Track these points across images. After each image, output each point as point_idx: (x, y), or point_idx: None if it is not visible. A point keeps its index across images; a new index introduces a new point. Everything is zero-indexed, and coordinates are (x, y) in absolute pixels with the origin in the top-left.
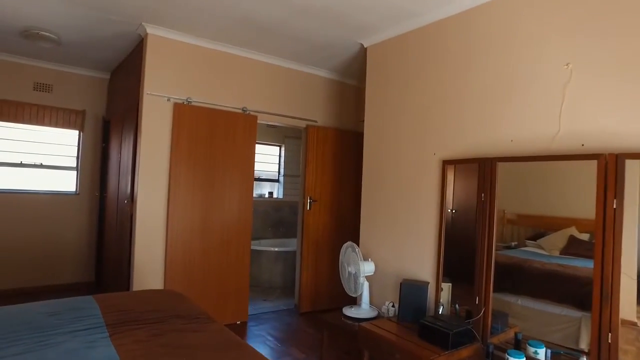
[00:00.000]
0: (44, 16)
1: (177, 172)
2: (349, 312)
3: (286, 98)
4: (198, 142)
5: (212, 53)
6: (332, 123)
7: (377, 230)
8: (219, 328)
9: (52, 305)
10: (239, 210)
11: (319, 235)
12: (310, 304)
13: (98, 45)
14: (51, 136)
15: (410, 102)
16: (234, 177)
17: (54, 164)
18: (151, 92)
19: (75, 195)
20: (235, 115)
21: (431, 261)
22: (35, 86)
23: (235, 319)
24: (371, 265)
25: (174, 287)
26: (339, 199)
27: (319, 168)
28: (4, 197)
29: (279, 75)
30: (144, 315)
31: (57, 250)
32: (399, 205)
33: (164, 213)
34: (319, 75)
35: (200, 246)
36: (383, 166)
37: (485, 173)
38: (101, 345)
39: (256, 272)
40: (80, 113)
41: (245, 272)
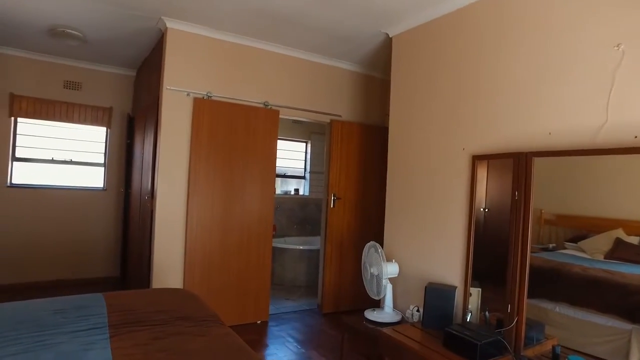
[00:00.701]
0: (67, 13)
1: (197, 168)
2: (371, 315)
3: (309, 92)
4: (218, 137)
5: (232, 46)
6: (357, 118)
7: (401, 229)
8: (224, 332)
9: (59, 302)
10: (260, 208)
11: (343, 234)
12: (333, 305)
13: (122, 42)
14: (80, 133)
15: (437, 94)
16: (255, 174)
17: (83, 160)
18: (171, 86)
19: (103, 191)
20: (256, 110)
21: (459, 264)
22: (66, 84)
23: (256, 319)
24: (395, 266)
25: (192, 285)
26: (364, 197)
27: (344, 164)
28: (37, 192)
29: (301, 68)
30: (150, 316)
31: (86, 245)
32: (425, 204)
33: (184, 209)
34: (343, 68)
35: (220, 244)
36: (408, 162)
37: (519, 169)
38: (98, 347)
39: (280, 270)
40: (107, 110)
41: (266, 271)
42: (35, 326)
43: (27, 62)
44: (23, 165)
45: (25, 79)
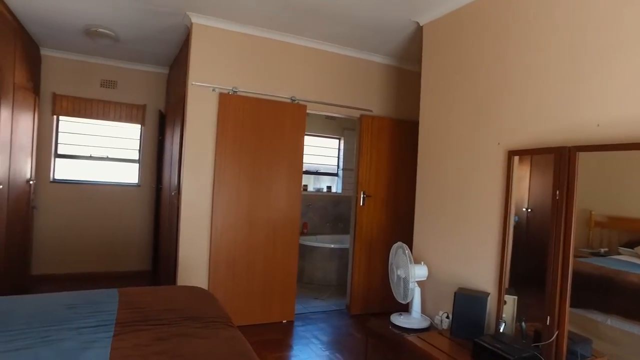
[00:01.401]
0: (98, 13)
1: (222, 164)
2: (397, 320)
3: (338, 86)
4: (244, 133)
5: (258, 40)
6: (388, 112)
7: (432, 230)
8: (231, 335)
9: (74, 297)
10: (286, 205)
11: (373, 233)
12: (362, 306)
13: (151, 40)
14: (117, 130)
15: (470, 85)
16: (282, 170)
17: (119, 157)
18: (196, 82)
19: (137, 187)
20: (283, 105)
21: (493, 268)
22: (102, 83)
23: (281, 318)
24: (423, 269)
25: (217, 281)
26: (395, 195)
27: (374, 161)
28: (77, 187)
29: (330, 62)
30: (159, 314)
31: (121, 239)
32: (456, 203)
33: (209, 205)
34: (373, 61)
35: (245, 241)
36: (439, 158)
37: (561, 165)
38: (98, 347)
39: (310, 269)
40: (141, 107)
41: (293, 270)
42: (45, 320)
43: (67, 63)
44: (64, 162)
45: (65, 79)
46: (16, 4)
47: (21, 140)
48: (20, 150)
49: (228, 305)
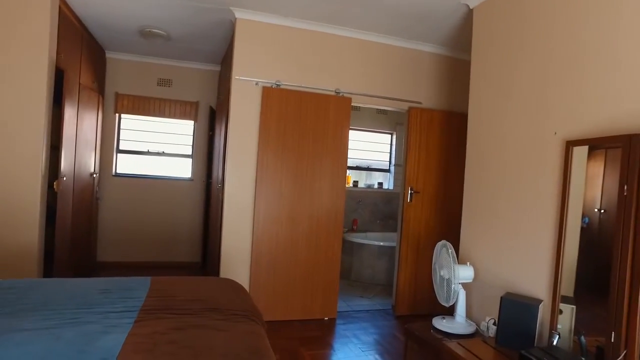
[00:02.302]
0: (149, 13)
1: (265, 158)
2: (440, 324)
3: (385, 78)
4: (287, 126)
5: (301, 33)
6: (439, 104)
7: (480, 228)
8: (250, 330)
9: (109, 283)
10: (329, 200)
11: (421, 231)
12: (408, 307)
13: (201, 38)
14: (172, 127)
15: (524, 69)
16: (325, 164)
17: (174, 152)
18: (240, 76)
19: (190, 182)
20: (326, 98)
21: (547, 273)
22: (159, 81)
23: (323, 315)
24: (469, 270)
25: (258, 275)
26: (445, 191)
27: (423, 155)
28: (136, 181)
29: (376, 52)
30: (184, 304)
31: (175, 231)
32: (506, 199)
33: (251, 199)
34: (423, 50)
35: (287, 236)
36: (488, 151)
37: (630, 155)
38: (118, 332)
39: (358, 266)
40: (194, 104)
41: (336, 266)
42: (79, 303)
43: (128, 64)
44: (125, 157)
45: (127, 79)
46: (81, 10)
47: (86, 136)
48: (85, 146)
49: (269, 300)
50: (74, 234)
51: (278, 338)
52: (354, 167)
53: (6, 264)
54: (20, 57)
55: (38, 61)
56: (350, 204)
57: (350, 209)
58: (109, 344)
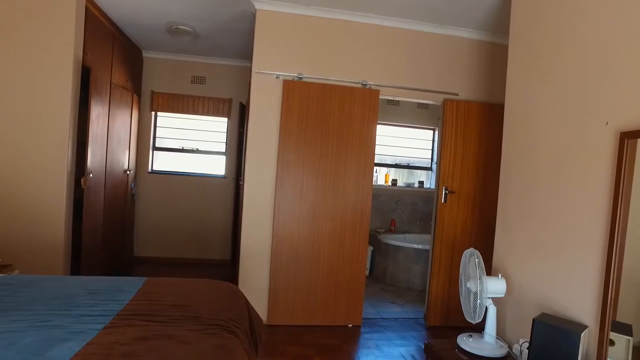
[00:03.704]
0: (172, 9)
1: (286, 154)
2: (465, 343)
3: (417, 68)
4: (309, 121)
5: (323, 22)
6: (477, 95)
7: (516, 234)
8: (220, 345)
9: (101, 282)
10: (355, 198)
11: (456, 234)
12: (441, 317)
13: (227, 32)
14: (206, 124)
15: (569, 52)
16: (350, 161)
17: (207, 149)
18: (260, 70)
19: (223, 179)
20: (352, 91)
21: (594, 293)
22: (193, 79)
23: (347, 321)
24: (500, 283)
25: (278, 275)
26: (483, 191)
27: (459, 151)
28: (170, 178)
29: (405, 40)
30: (164, 310)
31: (207, 228)
32: (546, 202)
33: (271, 197)
34: (459, 36)
35: (309, 236)
36: (527, 146)
37: None
38: (78, 339)
39: (393, 270)
40: (227, 101)
41: (361, 270)
42: (61, 304)
43: (163, 63)
44: (160, 154)
45: (162, 78)
46: (111, 10)
47: (118, 134)
48: (118, 144)
49: (288, 303)
50: (105, 229)
51: (293, 344)
52: (392, 164)
53: (35, 258)
54: (47, 56)
55: (64, 60)
56: (388, 203)
57: (388, 208)
58: (58, 355)
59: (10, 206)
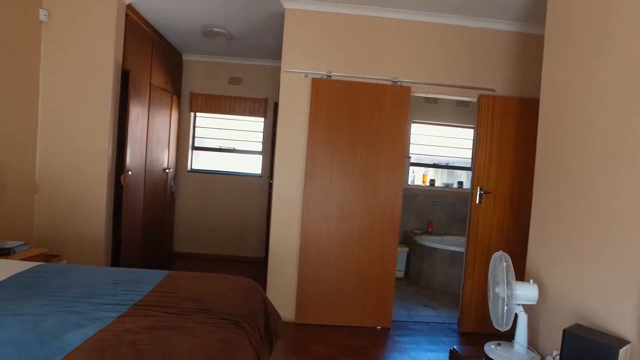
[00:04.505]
0: (206, 12)
1: (314, 153)
2: (493, 351)
3: (450, 63)
4: (338, 119)
5: (352, 19)
6: (515, 90)
7: (552, 237)
8: (227, 338)
9: (124, 273)
10: (385, 198)
11: (491, 237)
12: (474, 323)
13: (259, 33)
14: (243, 124)
15: (616, 40)
16: (380, 159)
17: (244, 149)
18: (288, 69)
19: (259, 178)
20: (382, 88)
21: (636, 303)
22: (230, 80)
23: (376, 324)
24: (531, 289)
25: (306, 274)
26: (521, 192)
27: (495, 149)
28: (208, 177)
29: (437, 35)
30: (178, 302)
31: (244, 226)
32: (588, 201)
33: (300, 196)
34: (495, 29)
35: (337, 235)
36: (566, 141)
37: None
38: (93, 326)
39: (429, 272)
40: (262, 101)
41: (391, 271)
42: (88, 292)
43: (202, 65)
44: (199, 153)
45: (201, 79)
46: (150, 15)
47: (158, 134)
48: (157, 143)
49: (316, 301)
50: (145, 225)
51: (319, 343)
52: (430, 164)
53: (80, 250)
54: (90, 61)
55: (105, 64)
56: (425, 204)
57: (425, 209)
58: (73, 338)
59: (60, 201)
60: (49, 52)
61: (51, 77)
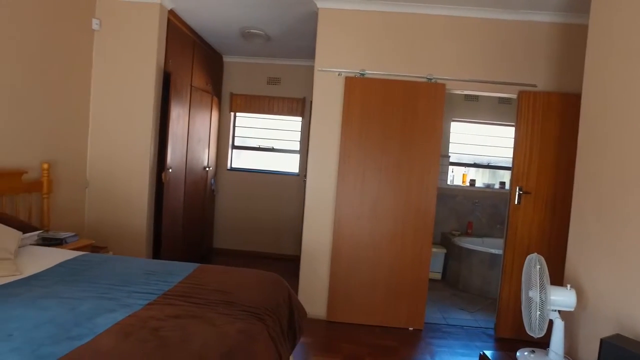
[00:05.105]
0: (244, 14)
1: (347, 151)
2: (526, 359)
3: (487, 59)
4: (371, 118)
5: (385, 17)
6: (559, 86)
7: (592, 242)
8: (245, 329)
9: (158, 265)
10: (419, 197)
11: (531, 239)
12: (512, 329)
13: (296, 33)
14: (282, 123)
15: None
16: (414, 158)
17: (282, 148)
18: (322, 68)
19: (297, 177)
20: (416, 85)
21: None
22: (269, 80)
23: (408, 325)
24: (568, 295)
25: (338, 272)
26: (564, 193)
27: (536, 148)
28: (246, 175)
29: (474, 30)
30: (206, 294)
31: (281, 225)
32: (627, 204)
33: (332, 194)
34: (536, 21)
35: (370, 234)
36: (610, 135)
37: None
38: (123, 311)
39: (467, 275)
40: (300, 101)
41: (424, 271)
42: (122, 281)
43: (241, 66)
44: (239, 152)
45: (240, 80)
46: (191, 19)
47: (198, 133)
48: (198, 142)
49: (348, 299)
50: (185, 221)
51: (349, 342)
52: (470, 164)
53: (125, 243)
54: (133, 65)
55: (147, 67)
56: (465, 204)
57: (465, 210)
58: (103, 321)
59: (107, 197)
60: (99, 59)
61: (100, 81)
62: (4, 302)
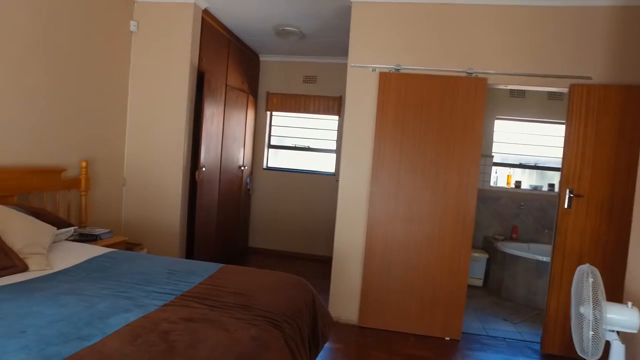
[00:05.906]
0: (277, 12)
1: (381, 150)
2: None
3: (534, 50)
4: (406, 115)
5: (421, 8)
6: (617, 78)
7: None
8: (258, 336)
9: (181, 264)
10: (457, 199)
11: (583, 246)
12: (561, 346)
13: (330, 30)
14: (318, 122)
15: None
16: (452, 158)
17: (319, 147)
18: (355, 63)
19: (332, 176)
20: (454, 80)
21: None
22: (305, 79)
23: (444, 334)
24: (629, 313)
25: (370, 277)
26: (623, 195)
27: (589, 147)
28: (282, 174)
29: (519, 19)
30: (224, 296)
31: (317, 225)
32: None
33: (366, 195)
34: (591, 5)
35: (404, 236)
36: None
37: None
38: (138, 312)
39: (511, 282)
40: (336, 99)
41: (463, 278)
42: (144, 279)
43: (278, 65)
44: (275, 152)
45: (277, 79)
46: (225, 18)
47: (233, 132)
48: (233, 141)
49: (382, 305)
50: (220, 220)
51: (380, 350)
52: (516, 164)
53: (158, 240)
54: (168, 64)
55: (181, 67)
56: (509, 207)
57: (509, 213)
58: (116, 322)
59: (143, 194)
60: (136, 60)
61: (137, 82)
62: (28, 298)
